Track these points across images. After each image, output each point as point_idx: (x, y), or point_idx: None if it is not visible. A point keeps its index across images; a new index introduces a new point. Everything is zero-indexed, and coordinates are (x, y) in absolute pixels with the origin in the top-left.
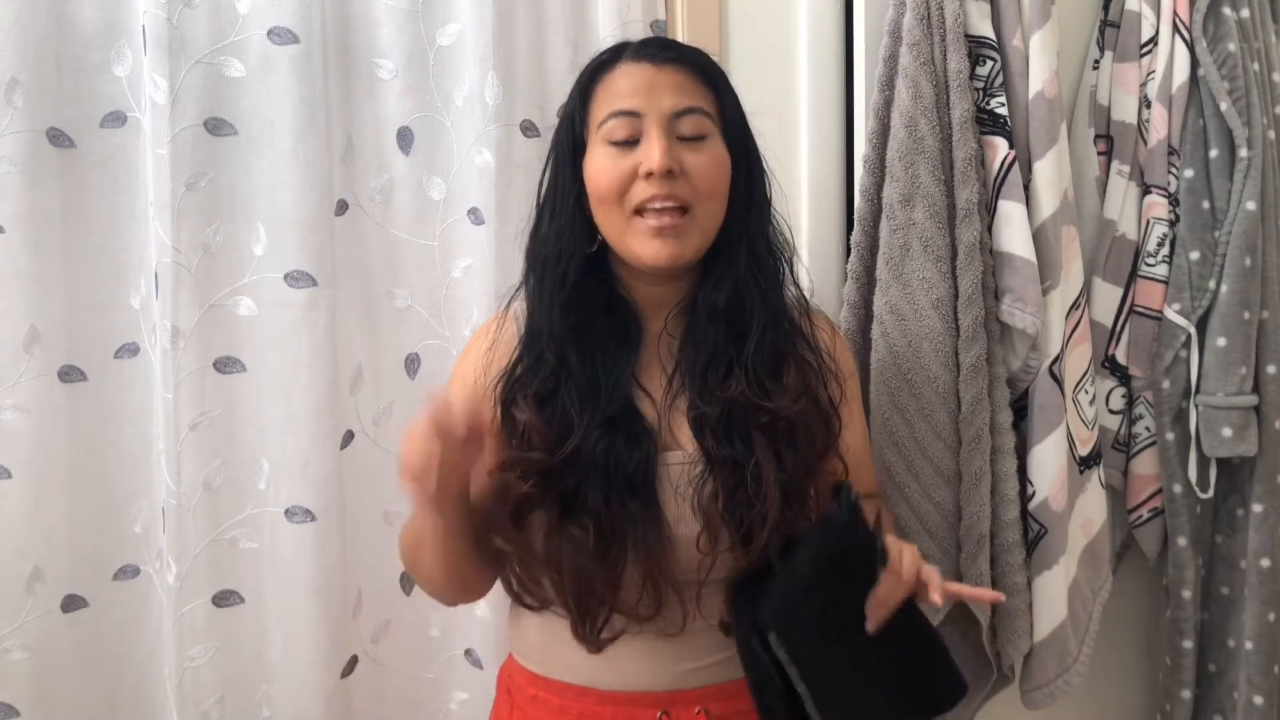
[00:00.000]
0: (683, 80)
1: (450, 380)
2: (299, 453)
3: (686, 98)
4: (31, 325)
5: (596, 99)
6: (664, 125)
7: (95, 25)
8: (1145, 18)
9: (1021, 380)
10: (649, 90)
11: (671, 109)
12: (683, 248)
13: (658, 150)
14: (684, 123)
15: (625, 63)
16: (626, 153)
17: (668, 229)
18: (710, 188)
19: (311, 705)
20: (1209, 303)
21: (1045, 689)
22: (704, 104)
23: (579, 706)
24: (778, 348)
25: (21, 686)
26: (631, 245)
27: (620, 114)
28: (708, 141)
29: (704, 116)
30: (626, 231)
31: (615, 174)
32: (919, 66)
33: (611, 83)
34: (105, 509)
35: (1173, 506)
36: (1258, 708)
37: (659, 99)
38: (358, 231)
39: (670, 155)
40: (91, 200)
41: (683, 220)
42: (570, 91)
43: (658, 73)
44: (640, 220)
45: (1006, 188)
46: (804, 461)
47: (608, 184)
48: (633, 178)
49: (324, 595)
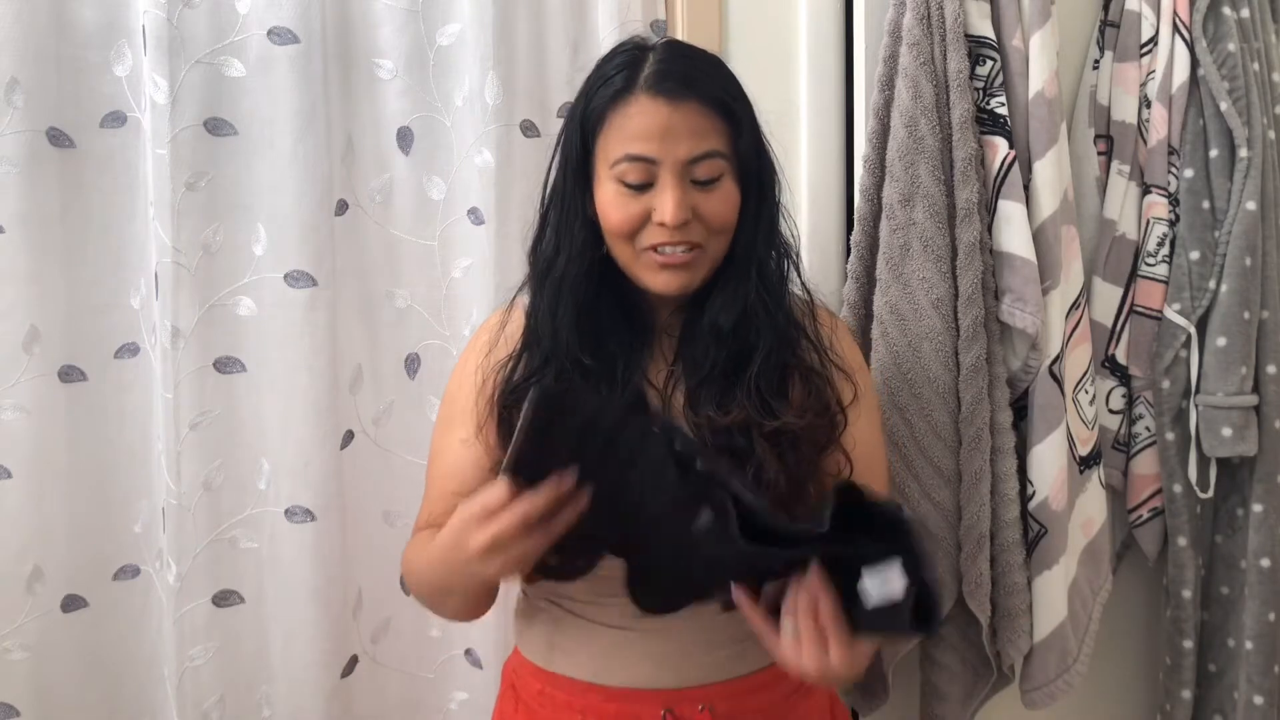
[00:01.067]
0: (699, 122)
1: (451, 380)
2: (299, 453)
3: (702, 142)
4: (31, 325)
5: (609, 132)
6: (679, 173)
7: (95, 25)
8: (1145, 18)
9: (1021, 380)
10: (664, 135)
11: (688, 156)
12: (692, 278)
13: (671, 203)
14: (699, 169)
15: (641, 96)
16: (639, 195)
17: (678, 264)
18: (721, 225)
19: (311, 705)
20: (1209, 303)
21: (1045, 689)
22: (719, 144)
23: (583, 702)
24: (783, 364)
25: (21, 686)
26: (641, 275)
27: (635, 159)
28: (721, 181)
29: (719, 159)
30: (635, 263)
31: (627, 216)
32: (919, 66)
33: (626, 120)
34: (105, 509)
35: (1173, 506)
36: (1258, 707)
37: (674, 146)
38: (358, 231)
39: (684, 208)
40: (91, 200)
41: (693, 256)
42: (578, 96)
43: (673, 113)
44: (650, 255)
45: (1006, 188)
46: (805, 458)
47: (618, 223)
48: (645, 220)
49: (324, 595)
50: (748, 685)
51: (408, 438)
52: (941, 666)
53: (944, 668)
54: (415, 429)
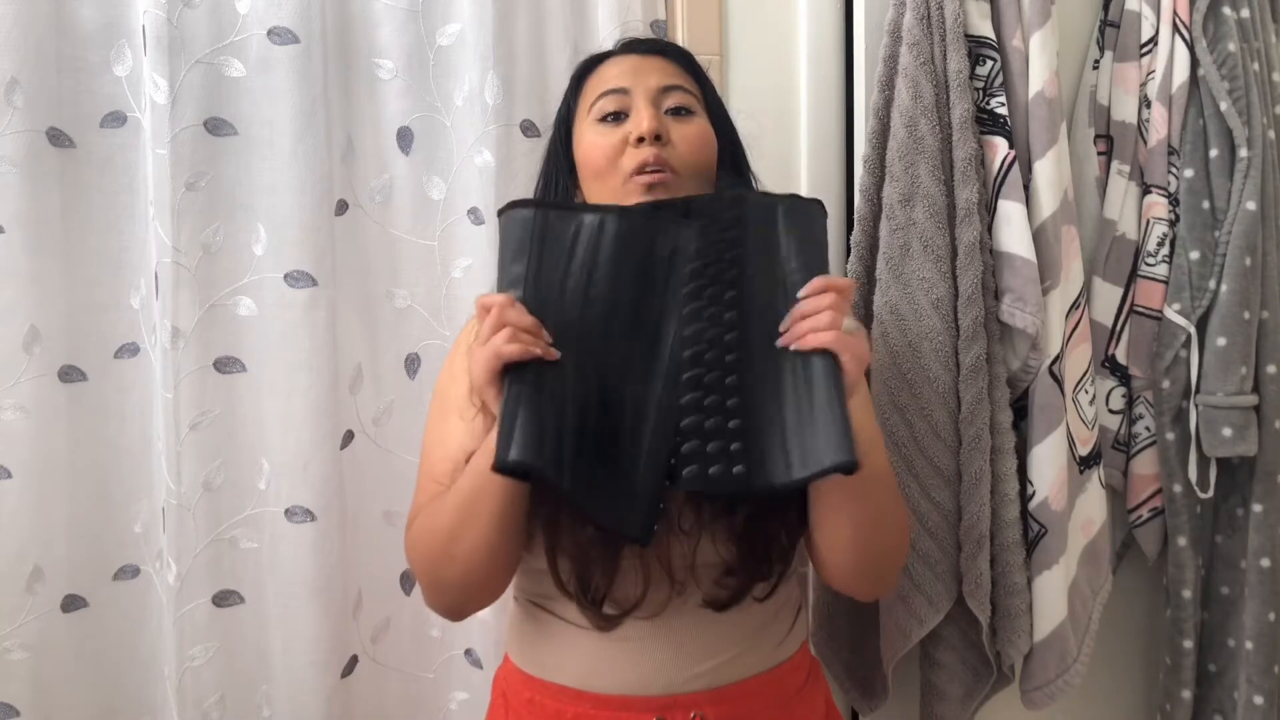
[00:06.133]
0: (667, 65)
1: (439, 380)
2: (299, 453)
3: (671, 77)
4: (31, 325)
5: (586, 88)
6: (651, 98)
7: (95, 25)
8: (1145, 18)
9: (1021, 380)
10: (635, 71)
11: (658, 85)
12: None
13: (646, 117)
14: (670, 97)
15: (614, 56)
16: (616, 127)
17: (657, 183)
18: (697, 158)
19: (311, 705)
20: (1209, 302)
21: (1045, 689)
22: (688, 84)
23: (574, 710)
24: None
25: (21, 686)
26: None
27: (609, 92)
28: (694, 116)
29: (689, 94)
30: (619, 196)
31: (605, 146)
32: (919, 66)
33: (601, 71)
34: (105, 509)
35: (1173, 506)
36: (1258, 707)
37: (645, 77)
38: (358, 231)
39: (658, 120)
40: (91, 200)
41: (671, 178)
42: (563, 95)
43: (643, 60)
44: (633, 182)
45: (1006, 188)
46: None
47: (599, 155)
48: (623, 147)
49: (324, 595)
50: (740, 691)
51: (408, 438)
52: (941, 666)
53: (944, 668)
54: (415, 429)
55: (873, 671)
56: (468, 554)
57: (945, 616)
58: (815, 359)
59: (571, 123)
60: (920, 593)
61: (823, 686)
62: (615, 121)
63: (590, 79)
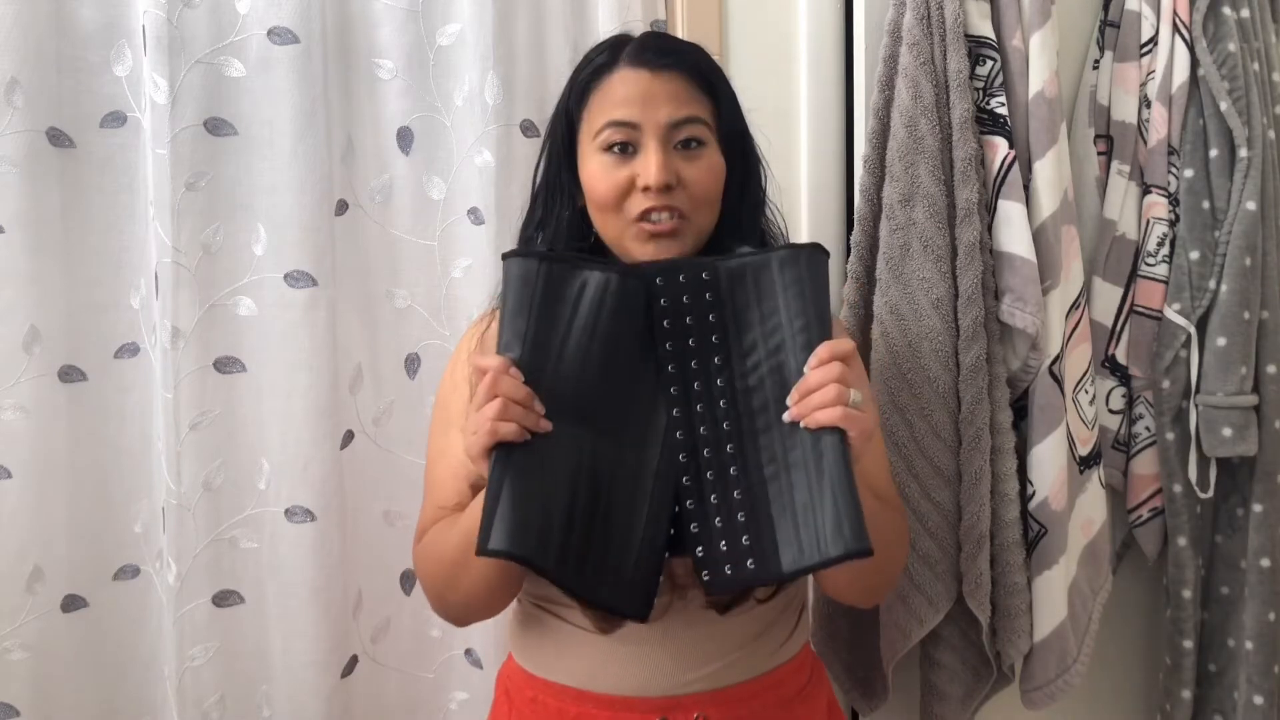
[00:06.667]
0: (679, 88)
1: (441, 388)
2: (299, 453)
3: (683, 107)
4: (31, 325)
5: (592, 104)
6: (661, 136)
7: (95, 25)
8: (1145, 18)
9: (1021, 380)
10: (645, 100)
11: (668, 119)
12: (679, 250)
13: (654, 165)
14: (681, 132)
15: (622, 68)
16: (623, 162)
17: (664, 233)
18: (706, 195)
19: (311, 705)
20: (1209, 303)
21: (1045, 689)
22: (701, 111)
23: (577, 710)
24: None
25: (21, 686)
26: (629, 249)
27: (616, 124)
28: (704, 149)
29: (700, 125)
30: (624, 237)
31: (612, 184)
32: (919, 66)
33: (609, 89)
34: (105, 509)
35: (1173, 506)
36: (1258, 708)
37: (655, 110)
38: (358, 231)
39: (667, 169)
40: (91, 200)
41: (679, 224)
42: (565, 86)
43: (654, 80)
44: (637, 226)
45: (1006, 188)
46: None
47: (604, 192)
48: (630, 188)
49: (324, 595)
50: (742, 692)
51: (408, 438)
52: (941, 666)
53: (944, 668)
54: (415, 429)
55: (873, 671)
56: (469, 587)
57: (945, 616)
58: (825, 436)
59: (575, 130)
60: (920, 593)
61: (825, 687)
62: (622, 154)
63: (596, 94)
